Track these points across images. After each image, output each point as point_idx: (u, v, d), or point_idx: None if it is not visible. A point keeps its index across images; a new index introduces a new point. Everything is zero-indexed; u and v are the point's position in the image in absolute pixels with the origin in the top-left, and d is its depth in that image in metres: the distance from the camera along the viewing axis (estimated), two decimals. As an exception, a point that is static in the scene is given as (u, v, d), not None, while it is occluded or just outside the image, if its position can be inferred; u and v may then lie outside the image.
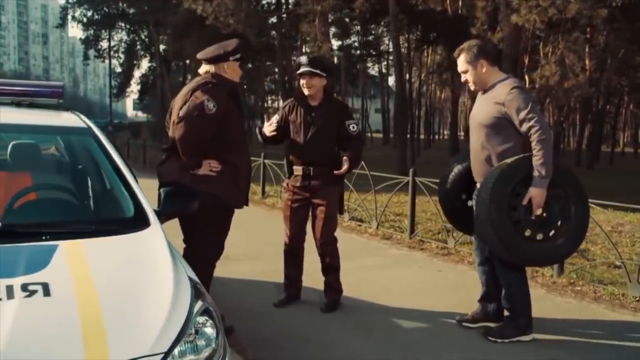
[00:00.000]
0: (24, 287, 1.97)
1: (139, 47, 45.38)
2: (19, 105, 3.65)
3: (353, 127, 4.50)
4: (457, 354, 3.85)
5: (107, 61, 46.65)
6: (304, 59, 4.59)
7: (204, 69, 4.11)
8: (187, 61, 45.75)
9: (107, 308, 1.99)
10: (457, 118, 34.79)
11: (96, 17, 42.54)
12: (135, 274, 2.31)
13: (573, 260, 5.82)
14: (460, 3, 26.12)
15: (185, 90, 4.08)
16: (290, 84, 30.00)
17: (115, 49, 45.34)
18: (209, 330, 2.14)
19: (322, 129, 4.45)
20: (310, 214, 4.62)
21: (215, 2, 17.89)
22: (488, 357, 3.79)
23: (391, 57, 47.02)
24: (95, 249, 2.37)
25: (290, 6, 25.37)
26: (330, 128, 4.47)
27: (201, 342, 2.07)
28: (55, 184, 3.52)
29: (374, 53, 48.38)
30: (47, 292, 1.98)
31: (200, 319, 2.15)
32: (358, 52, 47.52)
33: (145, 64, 46.71)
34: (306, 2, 17.40)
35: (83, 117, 3.52)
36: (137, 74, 47.32)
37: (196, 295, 2.25)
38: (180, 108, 3.93)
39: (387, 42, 47.12)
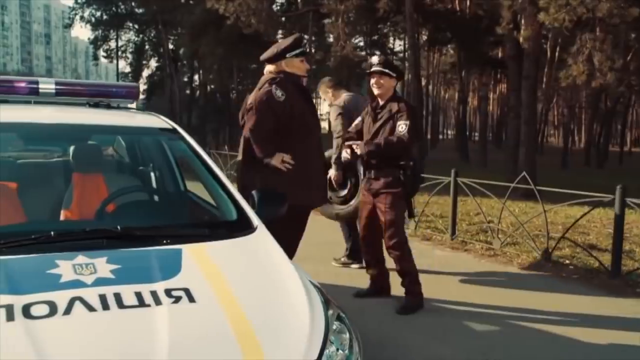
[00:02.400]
0: (168, 293, 1.92)
1: (147, 47, 45.37)
2: (96, 106, 3.59)
3: (402, 128, 4.36)
4: (542, 354, 3.81)
5: (114, 61, 46.57)
6: (375, 59, 4.60)
7: (266, 69, 4.14)
8: (195, 62, 45.99)
9: (251, 312, 1.96)
10: (465, 118, 34.68)
11: (105, 17, 42.55)
12: (263, 278, 2.27)
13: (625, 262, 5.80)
14: (468, 2, 26.25)
15: (254, 92, 4.09)
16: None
17: (122, 49, 45.34)
18: (345, 336, 2.09)
19: (381, 126, 4.45)
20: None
21: (237, 1, 17.85)
22: (574, 357, 3.75)
23: (395, 57, 46.98)
24: (217, 253, 2.32)
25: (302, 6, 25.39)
26: (388, 125, 4.42)
27: (339, 348, 2.03)
28: (149, 186, 3.47)
29: (379, 53, 48.30)
30: (191, 297, 1.93)
31: (335, 325, 2.10)
32: (363, 52, 47.44)
33: (153, 64, 46.67)
34: (329, 2, 17.39)
35: (164, 117, 3.47)
36: (144, 74, 47.33)
37: (325, 300, 2.21)
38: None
39: (392, 41, 47.01)
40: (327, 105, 6.05)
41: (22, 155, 4.31)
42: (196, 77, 44.68)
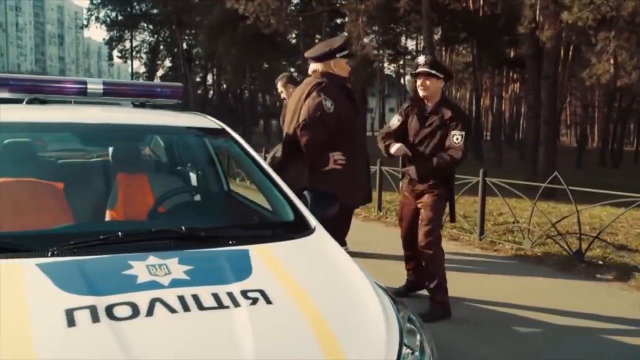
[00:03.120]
0: (245, 295, 1.89)
1: (162, 47, 45.55)
2: (142, 106, 3.58)
3: (457, 139, 4.20)
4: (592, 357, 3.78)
5: (129, 62, 46.76)
6: (421, 59, 4.43)
7: (312, 67, 4.09)
8: (208, 62, 46.04)
9: (326, 312, 1.93)
10: (479, 118, 34.51)
11: (120, 17, 42.79)
12: (332, 278, 2.25)
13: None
14: (481, 2, 26.11)
15: (298, 93, 4.06)
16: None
17: (137, 49, 45.55)
18: (416, 338, 2.06)
19: (430, 134, 4.30)
20: None
21: (257, 1, 17.85)
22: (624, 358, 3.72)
23: (408, 57, 46.86)
24: (283, 253, 2.29)
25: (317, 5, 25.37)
26: (438, 134, 4.28)
27: (412, 350, 2.00)
28: (196, 186, 3.45)
29: (391, 52, 48.14)
30: (267, 299, 1.90)
31: (407, 326, 2.07)
32: (375, 51, 47.34)
33: (167, 64, 46.82)
34: (349, 1, 17.34)
35: (211, 118, 3.45)
36: (158, 74, 47.47)
37: (394, 301, 2.18)
38: (297, 111, 3.92)
39: (403, 41, 46.90)
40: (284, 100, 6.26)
41: (62, 155, 4.31)
42: (209, 77, 44.81)
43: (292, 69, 40.78)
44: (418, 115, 4.35)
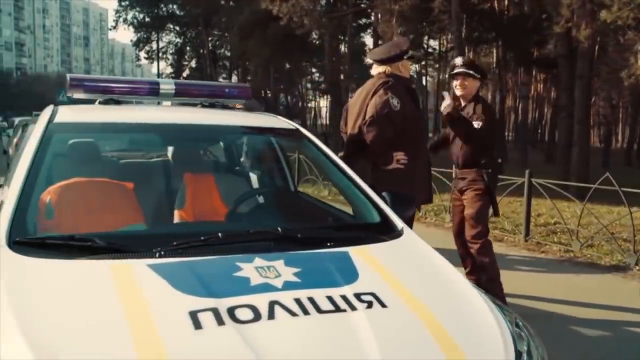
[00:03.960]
0: (358, 298, 1.85)
1: (188, 48, 45.88)
2: (212, 106, 3.56)
3: (477, 124, 4.41)
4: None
5: (154, 62, 47.14)
6: (459, 60, 4.61)
7: (376, 69, 4.08)
8: (229, 62, 46.16)
9: (438, 314, 1.88)
10: (504, 118, 34.13)
11: (147, 19, 43.17)
12: (434, 279, 2.20)
13: None
14: (506, 2, 25.79)
15: (362, 93, 4.03)
16: (337, 84, 29.89)
17: (163, 50, 45.90)
18: (523, 342, 2.00)
19: None
20: None
21: (291, 2, 17.87)
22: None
23: (430, 57, 46.48)
24: (381, 255, 2.24)
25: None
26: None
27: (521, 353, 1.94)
28: (272, 187, 3.42)
29: (417, 53, 47.87)
30: (380, 302, 1.86)
31: (516, 330, 2.01)
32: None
33: (193, 64, 47.06)
34: (383, 2, 17.27)
35: (283, 118, 3.42)
36: (184, 74, 47.71)
37: (496, 304, 2.13)
38: (362, 110, 3.89)
39: (425, 41, 46.53)
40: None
41: (122, 155, 4.31)
42: (234, 77, 44.94)
43: (314, 70, 40.76)
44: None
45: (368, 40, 43.58)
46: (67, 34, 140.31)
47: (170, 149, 3.76)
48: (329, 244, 2.23)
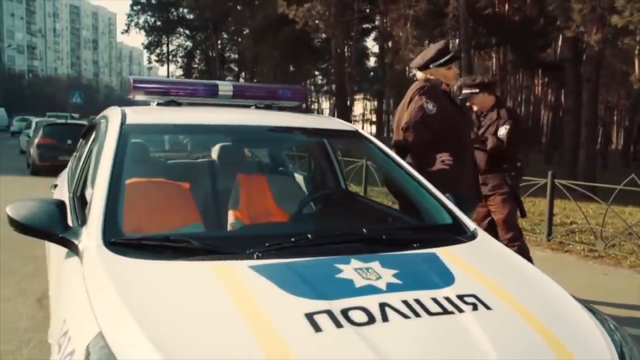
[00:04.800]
0: (462, 300, 1.80)
1: (198, 51, 45.90)
2: (269, 107, 3.51)
3: (505, 129, 4.49)
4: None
5: (164, 65, 47.14)
6: (461, 81, 4.78)
7: (418, 75, 4.05)
8: (237, 65, 46.07)
9: (538, 314, 1.83)
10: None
11: (158, 23, 43.20)
12: (524, 280, 2.14)
13: None
14: (506, 7, 25.69)
15: (406, 98, 4.01)
16: (343, 85, 29.85)
17: (173, 53, 45.91)
18: (617, 346, 1.95)
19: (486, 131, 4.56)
20: None
21: (307, 7, 17.85)
22: None
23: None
24: (467, 256, 2.19)
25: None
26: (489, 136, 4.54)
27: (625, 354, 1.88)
28: (329, 188, 3.37)
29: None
30: (484, 304, 1.81)
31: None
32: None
33: (202, 67, 46.98)
34: (398, 7, 17.24)
35: (340, 120, 3.36)
36: (193, 76, 47.67)
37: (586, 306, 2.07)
38: (402, 116, 3.88)
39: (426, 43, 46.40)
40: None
41: (168, 155, 4.25)
42: (241, 80, 44.91)
43: (317, 72, 40.69)
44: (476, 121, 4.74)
45: (369, 43, 43.54)
46: (77, 37, 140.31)
47: (215, 150, 3.72)
48: (415, 245, 2.18)
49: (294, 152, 4.07)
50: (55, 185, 4.00)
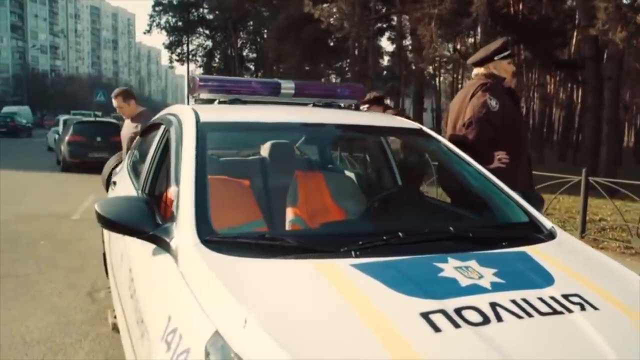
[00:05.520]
0: (568, 299, 1.74)
1: (218, 50, 46.04)
2: (329, 106, 3.46)
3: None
4: None
5: (184, 64, 47.29)
6: None
7: (474, 72, 3.99)
8: (254, 64, 46.04)
9: None
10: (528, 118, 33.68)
11: (179, 24, 43.38)
12: (616, 278, 2.08)
13: None
14: (520, 6, 25.43)
15: (461, 95, 3.93)
16: (362, 84, 29.71)
17: (193, 52, 46.07)
18: None
19: None
20: None
21: (332, 6, 17.78)
22: None
23: (444, 60, 46.07)
24: (556, 254, 2.13)
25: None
26: None
27: None
28: (388, 185, 3.31)
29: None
30: (590, 304, 1.75)
31: None
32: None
33: (222, 66, 47.09)
34: (422, 6, 17.14)
35: (403, 118, 3.31)
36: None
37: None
38: (462, 112, 3.79)
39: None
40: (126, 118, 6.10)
41: (217, 153, 4.22)
42: (259, 74, 44.97)
43: (330, 72, 40.53)
44: None
45: (384, 42, 43.26)
46: (97, 38, 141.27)
47: (266, 147, 3.67)
48: (503, 244, 2.12)
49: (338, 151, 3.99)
50: (114, 183, 3.97)
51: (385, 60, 47.76)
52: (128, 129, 5.91)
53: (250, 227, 2.59)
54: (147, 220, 2.09)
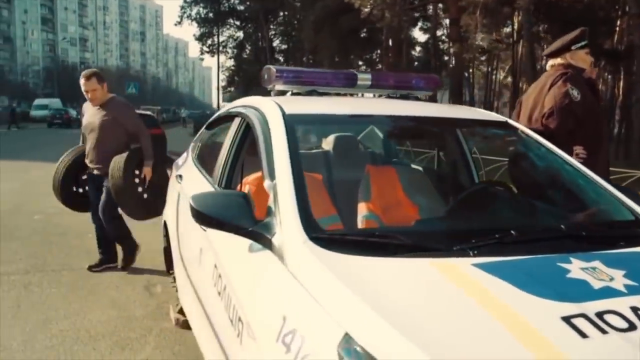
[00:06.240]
0: None
1: (248, 42, 46.29)
2: (405, 97, 3.40)
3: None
4: None
5: (215, 56, 47.60)
6: None
7: (550, 62, 3.90)
8: (284, 55, 46.03)
9: None
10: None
11: (210, 15, 43.68)
12: None
13: None
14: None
15: (537, 87, 3.85)
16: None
17: (223, 44, 46.35)
18: None
19: None
20: None
21: None
22: None
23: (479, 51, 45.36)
24: None
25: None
26: None
27: None
28: (468, 180, 3.23)
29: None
30: None
31: None
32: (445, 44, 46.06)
33: (252, 57, 47.32)
34: None
35: (486, 111, 3.22)
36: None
37: None
38: (539, 103, 3.70)
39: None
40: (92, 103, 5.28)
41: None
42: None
43: (360, 62, 40.28)
44: None
45: (416, 33, 42.85)
46: (125, 30, 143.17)
47: (329, 141, 3.62)
48: (621, 243, 2.03)
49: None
50: (179, 176, 3.96)
51: (417, 51, 47.32)
52: (95, 117, 5.22)
53: (327, 222, 2.53)
54: (247, 216, 2.05)
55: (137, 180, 5.18)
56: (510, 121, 3.03)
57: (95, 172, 5.26)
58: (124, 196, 5.06)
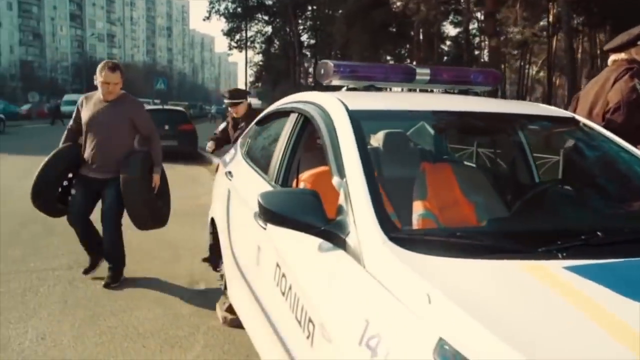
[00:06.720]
0: None
1: (277, 37, 46.49)
2: (465, 93, 3.33)
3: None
4: None
5: (243, 51, 47.91)
6: None
7: (612, 57, 3.79)
8: (311, 50, 46.05)
9: None
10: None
11: (238, 10, 43.99)
12: None
13: None
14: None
15: (598, 82, 3.75)
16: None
17: (251, 39, 46.66)
18: None
19: None
20: None
21: None
22: None
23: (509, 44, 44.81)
24: None
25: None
26: None
27: None
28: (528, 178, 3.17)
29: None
30: None
31: None
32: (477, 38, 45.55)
33: (279, 53, 47.53)
34: None
35: (544, 105, 3.14)
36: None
37: None
38: (602, 98, 3.60)
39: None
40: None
41: None
42: (314, 63, 45.06)
43: (389, 57, 40.10)
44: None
45: (446, 27, 42.44)
46: (152, 26, 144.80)
47: (378, 137, 3.56)
48: None
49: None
50: (229, 173, 3.95)
51: (446, 46, 46.92)
52: (105, 113, 4.71)
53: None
54: (319, 215, 2.02)
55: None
56: (578, 117, 2.95)
57: (96, 175, 4.78)
58: (139, 202, 4.68)
